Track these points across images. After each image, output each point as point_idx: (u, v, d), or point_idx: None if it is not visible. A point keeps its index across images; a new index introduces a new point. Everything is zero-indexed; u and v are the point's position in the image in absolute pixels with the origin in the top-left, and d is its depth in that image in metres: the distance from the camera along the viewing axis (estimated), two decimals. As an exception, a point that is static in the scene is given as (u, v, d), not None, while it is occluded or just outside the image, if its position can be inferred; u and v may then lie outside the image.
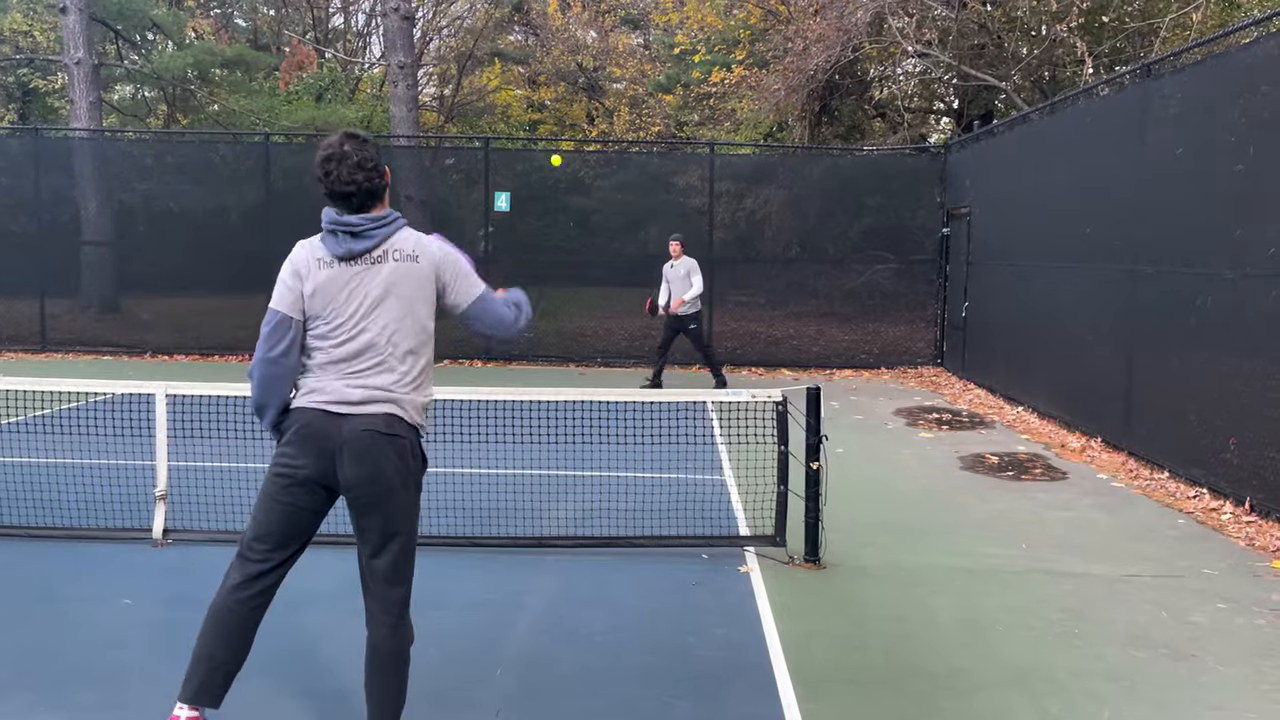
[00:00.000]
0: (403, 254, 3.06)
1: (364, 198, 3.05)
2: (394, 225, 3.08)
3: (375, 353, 3.02)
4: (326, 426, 2.99)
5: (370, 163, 3.03)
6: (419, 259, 3.08)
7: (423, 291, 3.08)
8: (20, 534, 5.48)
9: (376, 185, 3.06)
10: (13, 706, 3.53)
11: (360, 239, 3.03)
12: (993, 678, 3.96)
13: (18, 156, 16.10)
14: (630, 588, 4.94)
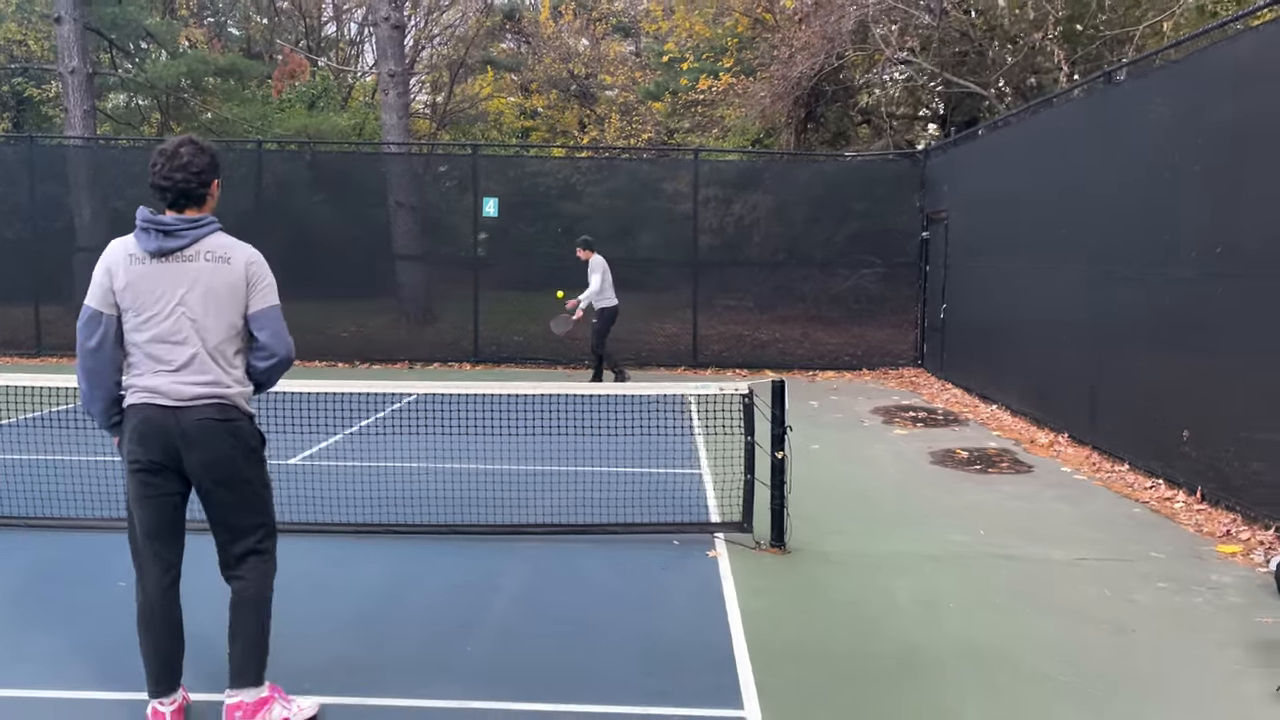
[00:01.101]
0: (214, 255, 3.27)
1: (177, 197, 3.27)
2: (207, 228, 3.29)
3: (189, 347, 3.23)
4: (164, 420, 3.22)
5: (195, 168, 3.25)
6: (230, 260, 3.29)
7: (232, 291, 3.28)
8: (20, 524, 5.71)
9: (194, 189, 3.27)
10: (20, 676, 3.77)
11: (172, 237, 3.23)
12: (945, 654, 4.19)
13: (12, 164, 16.34)
14: (602, 571, 5.18)
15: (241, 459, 3.29)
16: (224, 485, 3.28)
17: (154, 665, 3.31)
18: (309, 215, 16.62)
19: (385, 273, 16.69)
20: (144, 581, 3.32)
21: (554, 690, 3.75)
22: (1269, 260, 5.90)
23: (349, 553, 5.42)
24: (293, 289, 14.60)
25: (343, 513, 5.97)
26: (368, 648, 4.14)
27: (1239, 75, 6.34)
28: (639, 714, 3.59)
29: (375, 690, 3.73)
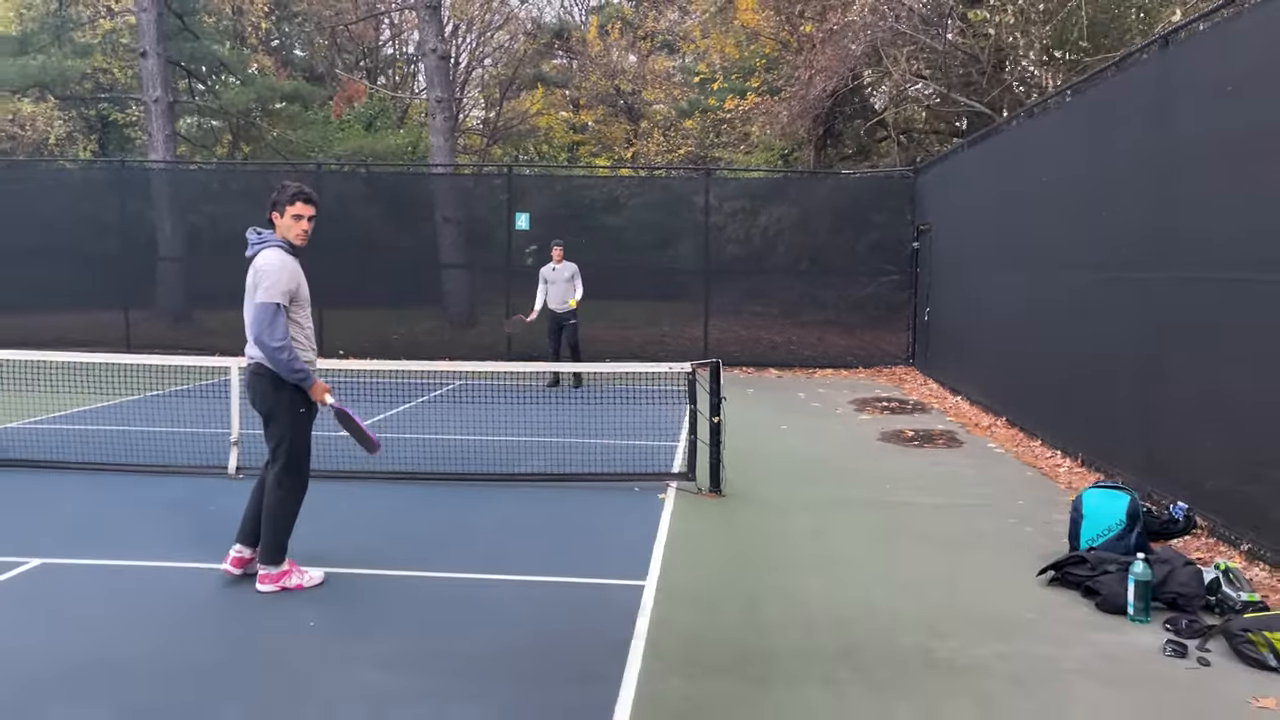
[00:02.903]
0: (255, 264, 4.89)
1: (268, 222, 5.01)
2: (264, 244, 4.93)
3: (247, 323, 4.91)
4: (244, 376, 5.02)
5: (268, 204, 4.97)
6: (255, 267, 4.87)
7: (250, 288, 4.88)
8: (153, 470, 7.43)
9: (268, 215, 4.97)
10: (144, 555, 5.43)
11: (249, 248, 4.95)
12: (819, 563, 5.65)
13: (104, 185, 18.45)
14: (573, 503, 6.74)
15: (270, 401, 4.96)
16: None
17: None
18: (365, 229, 18.41)
19: (431, 281, 18.45)
20: (304, 479, 5.00)
21: (510, 568, 5.31)
22: (1131, 263, 7.27)
23: (378, 490, 7.04)
24: (349, 296, 16.52)
25: (382, 465, 7.62)
26: (379, 542, 5.73)
27: (1153, 93, 7.11)
28: (574, 581, 5.14)
29: (373, 566, 5.31)
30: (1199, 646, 4.31)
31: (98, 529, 6.01)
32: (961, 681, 3.98)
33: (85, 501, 6.67)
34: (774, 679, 3.98)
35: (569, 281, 12.81)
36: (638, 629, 4.46)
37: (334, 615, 4.62)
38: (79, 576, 5.15)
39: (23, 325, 16.49)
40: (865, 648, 4.32)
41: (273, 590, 4.90)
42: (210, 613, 4.67)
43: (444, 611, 4.69)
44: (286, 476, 4.98)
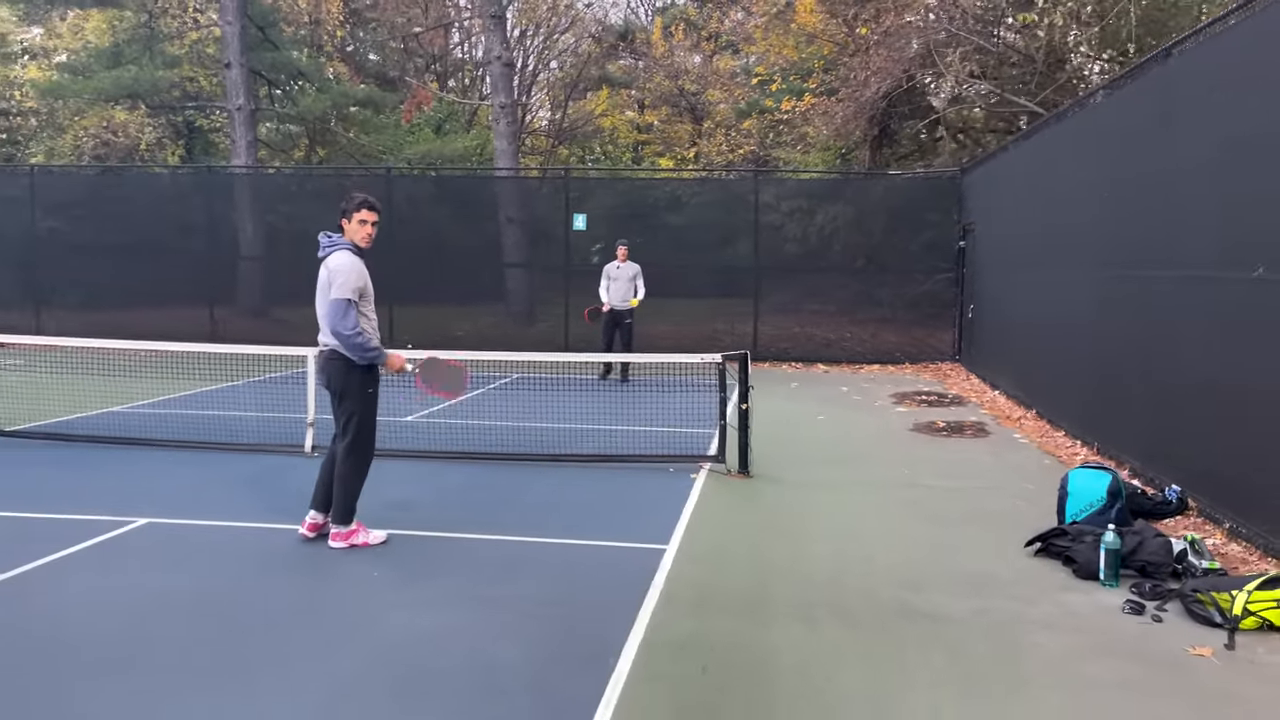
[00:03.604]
0: (326, 264, 5.60)
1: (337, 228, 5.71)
2: (335, 246, 5.61)
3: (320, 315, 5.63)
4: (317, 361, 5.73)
5: (339, 211, 5.65)
6: (328, 267, 5.56)
7: (324, 285, 5.57)
8: (240, 448, 8.29)
9: (339, 221, 5.67)
10: (232, 517, 6.23)
11: (321, 250, 5.65)
12: (827, 533, 6.24)
13: (191, 188, 19.67)
14: (612, 481, 7.40)
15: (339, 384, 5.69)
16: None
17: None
18: (433, 230, 19.33)
19: (495, 279, 19.30)
20: (370, 450, 5.72)
21: (550, 533, 5.99)
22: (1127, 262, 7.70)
23: (439, 467, 7.79)
24: (418, 293, 17.48)
25: (443, 446, 8.38)
26: (436, 511, 6.46)
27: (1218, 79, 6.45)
28: (604, 544, 5.80)
29: (429, 529, 6.03)
30: (1157, 606, 4.80)
31: (193, 496, 6.85)
32: (929, 626, 4.55)
33: (182, 474, 7.53)
34: (767, 620, 4.59)
35: (631, 281, 13.47)
36: (655, 581, 5.11)
37: (394, 568, 5.35)
38: (177, 533, 5.96)
39: (117, 320, 17.68)
40: (853, 599, 4.91)
41: (343, 547, 5.65)
42: (288, 564, 5.43)
43: (488, 566, 5.39)
44: (355, 448, 5.71)
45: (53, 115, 26.21)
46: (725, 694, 3.84)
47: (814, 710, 3.71)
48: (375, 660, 4.11)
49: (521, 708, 3.68)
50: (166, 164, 26.23)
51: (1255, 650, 4.31)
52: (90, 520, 6.13)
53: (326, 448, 5.93)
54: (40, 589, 4.93)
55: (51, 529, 5.95)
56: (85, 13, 26.90)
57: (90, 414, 9.96)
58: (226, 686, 3.83)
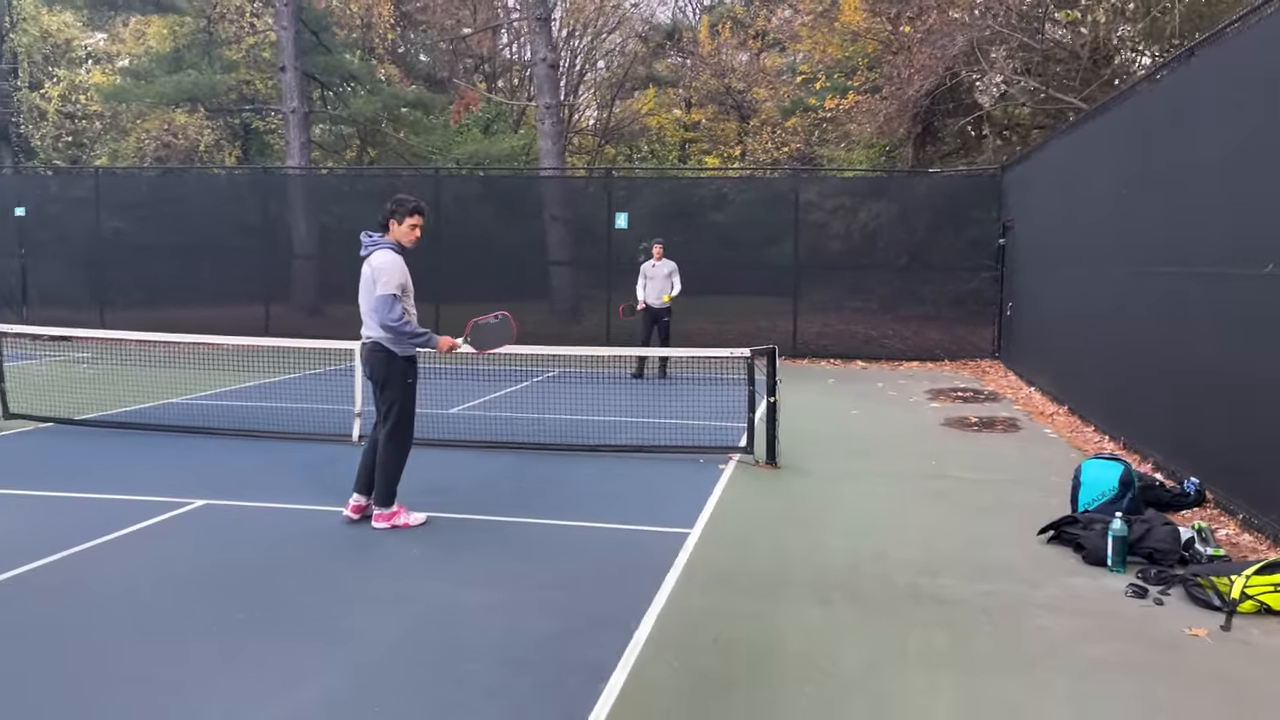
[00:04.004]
0: (370, 261, 5.93)
1: (379, 227, 6.03)
2: (378, 246, 5.94)
3: (364, 310, 5.98)
4: (360, 351, 6.09)
5: (381, 213, 6.00)
6: (372, 265, 5.89)
7: (369, 281, 5.90)
8: (291, 436, 8.72)
9: (381, 222, 6.01)
10: (282, 500, 6.61)
11: (364, 249, 5.99)
12: (848, 520, 6.47)
13: (247, 189, 20.31)
14: (645, 470, 7.68)
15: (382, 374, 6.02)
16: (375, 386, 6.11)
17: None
18: (480, 228, 19.75)
19: (540, 276, 19.68)
20: (409, 436, 6.08)
21: (581, 517, 6.28)
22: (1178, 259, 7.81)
23: (480, 456, 8.13)
24: (465, 291, 17.92)
25: (485, 436, 8.72)
26: (475, 495, 6.78)
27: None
28: (632, 528, 6.08)
29: (467, 512, 6.36)
30: (1160, 591, 4.98)
31: (247, 480, 7.26)
32: (937, 608, 4.77)
33: (237, 460, 7.96)
34: (780, 599, 4.85)
35: (667, 278, 13.64)
36: (677, 562, 5.38)
37: (431, 546, 5.68)
38: (232, 513, 6.36)
39: (177, 317, 18.34)
40: (866, 582, 5.14)
41: (385, 527, 6.00)
42: (334, 542, 5.79)
43: (519, 546, 5.70)
44: (396, 434, 6.06)
45: (116, 119, 27.11)
46: (733, 662, 4.10)
47: (815, 679, 3.96)
48: (413, 629, 4.43)
49: (544, 671, 3.97)
50: (224, 165, 27.01)
51: (1250, 632, 4.48)
52: (152, 501, 6.55)
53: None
54: (106, 562, 5.34)
55: (116, 509, 6.37)
56: (147, 18, 27.77)
57: (152, 405, 10.46)
58: (275, 651, 4.18)
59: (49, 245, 19.68)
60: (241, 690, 3.78)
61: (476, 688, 3.84)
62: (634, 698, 3.75)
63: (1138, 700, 3.83)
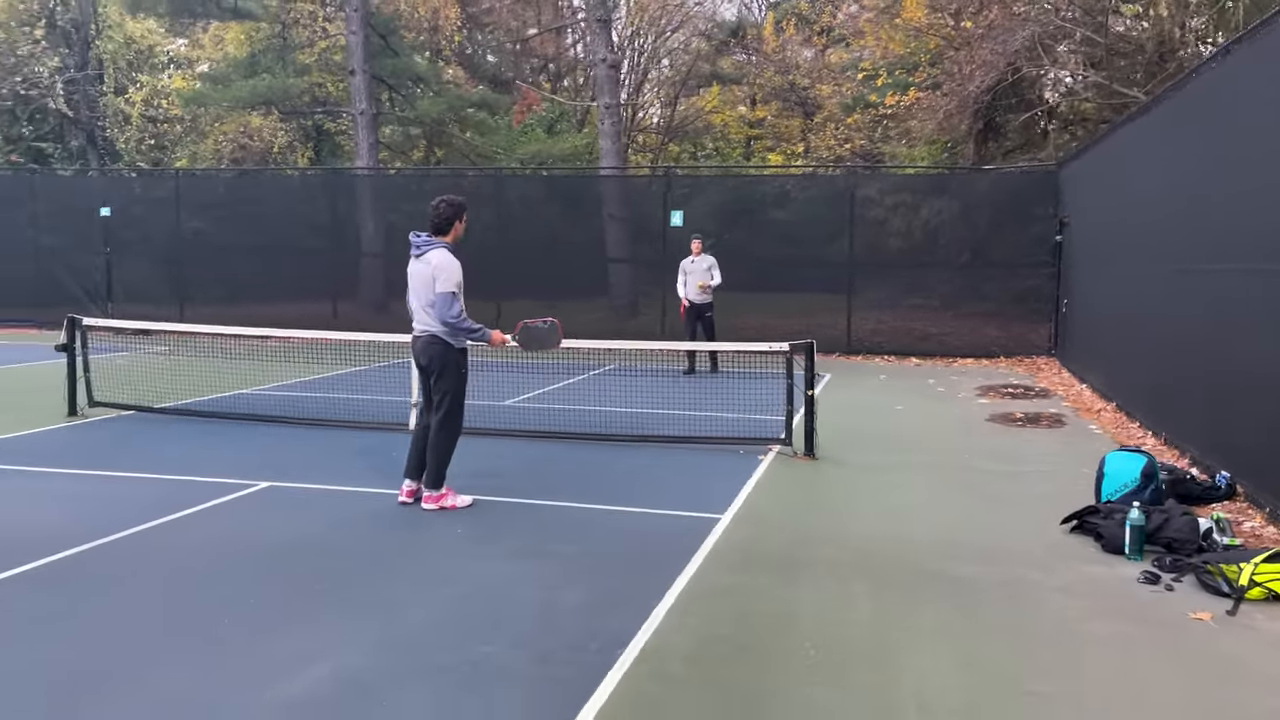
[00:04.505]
0: (428, 260, 6.29)
1: (431, 228, 6.36)
2: (432, 246, 6.29)
3: (420, 305, 6.32)
4: (414, 343, 6.42)
5: (438, 216, 6.34)
6: (430, 263, 6.26)
7: (427, 279, 6.27)
8: (352, 425, 9.19)
9: (439, 225, 6.36)
10: (341, 483, 7.04)
11: (418, 248, 6.32)
12: (876, 508, 6.68)
13: (318, 189, 21.05)
14: (684, 461, 7.97)
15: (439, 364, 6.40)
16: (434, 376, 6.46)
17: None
18: (541, 227, 20.18)
19: (599, 274, 20.04)
20: (460, 423, 6.46)
21: (620, 502, 6.59)
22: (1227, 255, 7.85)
23: (531, 445, 8.49)
24: (526, 289, 18.32)
25: (537, 426, 9.09)
26: (521, 481, 7.13)
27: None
28: (668, 513, 6.37)
29: (512, 496, 6.70)
30: (1172, 578, 5.11)
31: (309, 464, 7.71)
32: (950, 588, 4.98)
33: (301, 446, 8.44)
34: (799, 578, 5.10)
35: (706, 272, 13.82)
36: (705, 544, 5.66)
37: (476, 527, 6.04)
38: (295, 494, 6.80)
39: (251, 313, 19.06)
40: (883, 563, 5.36)
41: (434, 509, 6.37)
42: (387, 522, 6.18)
43: (560, 528, 6.03)
44: (448, 421, 6.43)
45: (195, 122, 28.17)
46: (748, 630, 4.37)
47: (822, 644, 4.21)
48: (456, 600, 4.78)
49: (573, 635, 4.28)
50: (297, 166, 27.91)
51: (1255, 617, 4.61)
52: (219, 483, 7.03)
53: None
54: (173, 536, 5.80)
55: (186, 489, 6.86)
56: (225, 25, 28.80)
57: (224, 395, 11.04)
58: (330, 616, 4.56)
59: (133, 244, 20.60)
60: (263, 662, 4.15)
61: (503, 643, 4.17)
62: (649, 661, 4.04)
63: (1126, 671, 4.01)
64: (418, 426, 6.60)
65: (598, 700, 3.68)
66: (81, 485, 6.99)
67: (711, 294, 13.70)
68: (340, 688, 3.78)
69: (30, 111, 28.15)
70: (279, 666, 3.97)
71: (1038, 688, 3.86)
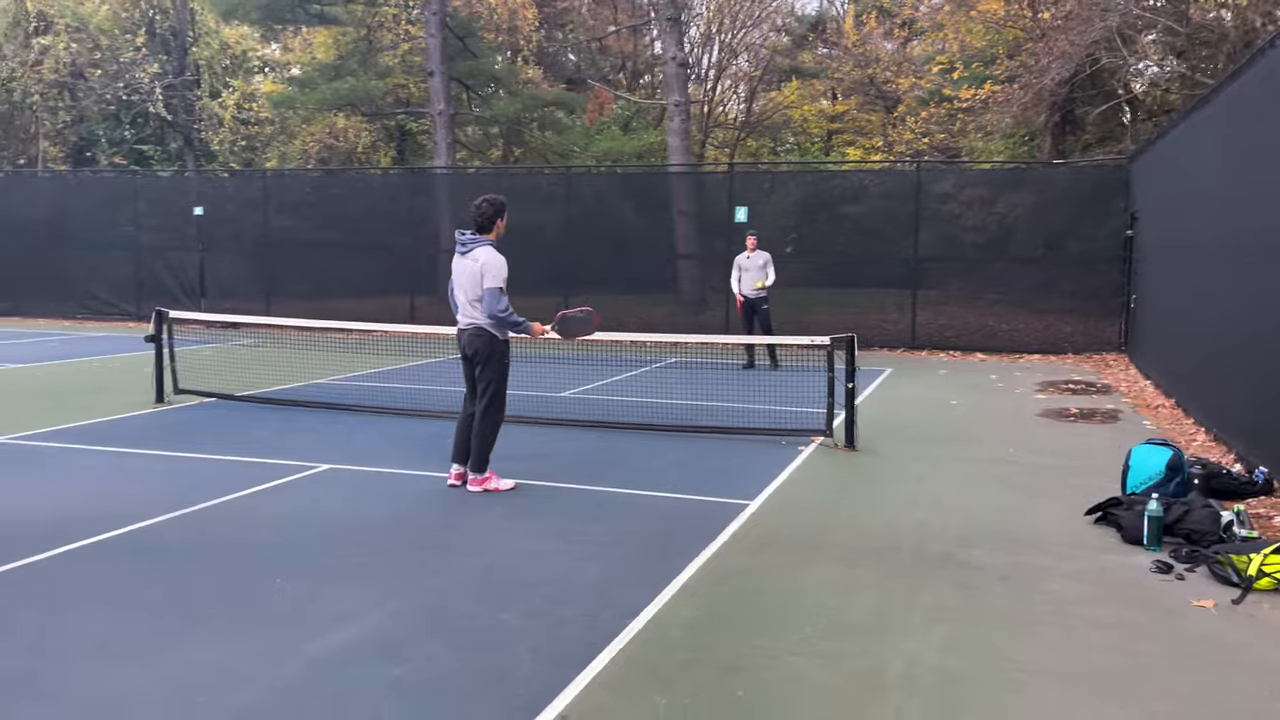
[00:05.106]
0: (474, 257, 6.61)
1: (474, 226, 6.69)
2: (478, 243, 6.62)
3: (466, 300, 6.66)
4: (460, 335, 6.74)
5: (480, 215, 6.66)
6: (477, 260, 6.58)
7: (474, 275, 6.59)
8: (415, 414, 9.66)
9: (482, 223, 6.68)
10: (397, 466, 7.47)
11: (464, 245, 6.65)
12: (905, 497, 6.84)
13: (399, 187, 21.77)
14: (726, 451, 8.22)
15: (484, 355, 6.75)
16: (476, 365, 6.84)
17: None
18: (613, 223, 20.54)
19: (668, 269, 20.32)
20: (503, 410, 6.85)
21: (656, 488, 6.87)
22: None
23: (580, 433, 8.83)
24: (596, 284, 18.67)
25: (588, 416, 9.43)
26: (564, 467, 7.47)
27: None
28: (700, 499, 6.64)
29: (553, 480, 7.04)
30: (1186, 568, 5.19)
31: (369, 449, 8.17)
32: (958, 573, 5.14)
33: (365, 433, 8.92)
34: (812, 561, 5.32)
35: (761, 269, 13.91)
36: (729, 528, 5.91)
37: (514, 508, 6.40)
38: (352, 477, 7.25)
39: (332, 308, 19.85)
40: (898, 549, 5.54)
41: (478, 491, 6.75)
42: (433, 501, 6.58)
43: (593, 510, 6.35)
44: (491, 408, 6.80)
45: (285, 123, 29.28)
46: (750, 608, 4.62)
47: (818, 623, 4.43)
48: (483, 570, 5.13)
49: (586, 606, 4.59)
50: (380, 166, 28.82)
51: (1261, 607, 4.68)
52: (284, 465, 7.53)
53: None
54: (242, 512, 6.28)
55: (253, 470, 7.37)
56: (314, 30, 29.86)
57: (299, 384, 11.64)
58: (369, 583, 4.95)
59: (224, 242, 21.59)
60: (305, 620, 4.54)
61: (520, 611, 4.50)
62: (651, 630, 4.33)
63: (1114, 651, 4.15)
64: (463, 414, 6.98)
65: (599, 662, 3.98)
66: (161, 465, 7.56)
67: (766, 290, 13.86)
68: (367, 645, 4.15)
69: (132, 115, 29.60)
70: (318, 625, 4.36)
71: (1022, 664, 4.03)
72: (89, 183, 24.52)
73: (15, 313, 21.95)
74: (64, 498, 6.54)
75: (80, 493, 6.70)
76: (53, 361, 14.26)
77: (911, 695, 3.73)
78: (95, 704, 3.63)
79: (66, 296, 21.86)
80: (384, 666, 3.93)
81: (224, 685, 3.77)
